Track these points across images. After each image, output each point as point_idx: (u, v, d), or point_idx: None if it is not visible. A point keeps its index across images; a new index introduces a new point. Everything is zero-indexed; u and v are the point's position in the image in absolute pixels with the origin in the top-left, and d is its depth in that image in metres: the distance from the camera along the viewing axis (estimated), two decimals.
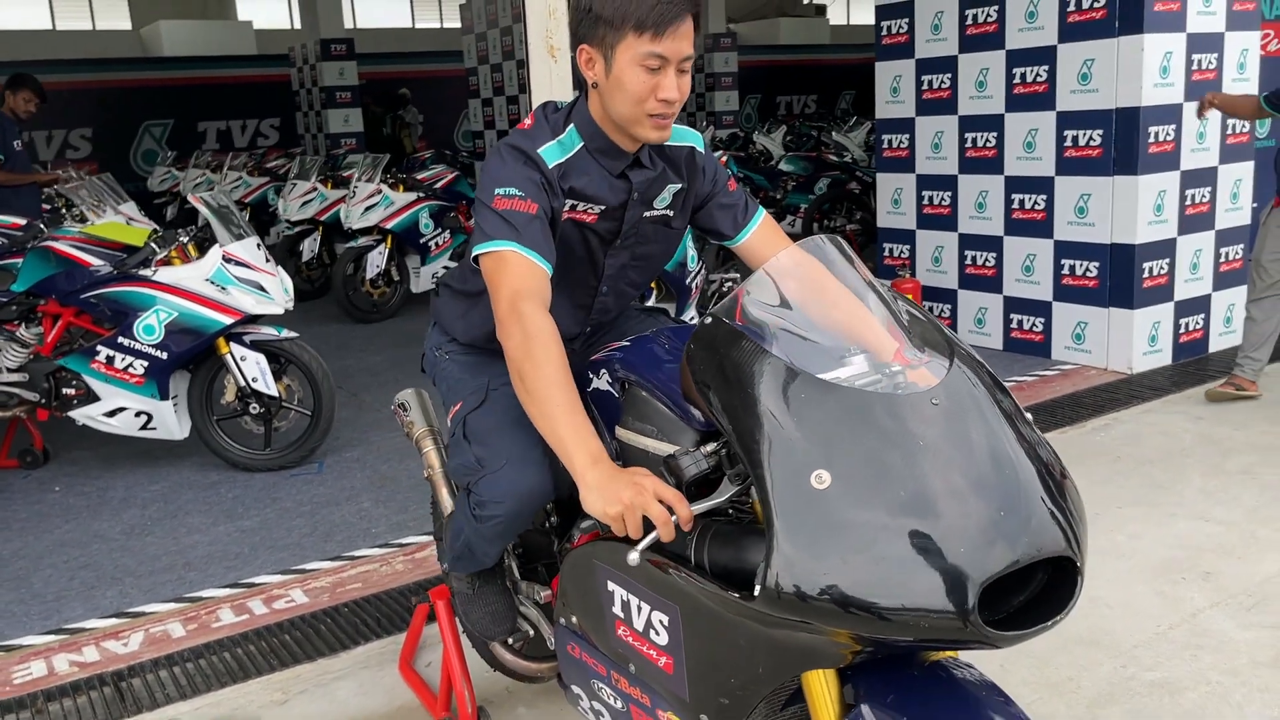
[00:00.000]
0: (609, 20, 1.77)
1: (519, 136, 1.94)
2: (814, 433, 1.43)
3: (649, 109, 1.82)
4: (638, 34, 1.75)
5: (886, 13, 6.51)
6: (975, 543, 1.36)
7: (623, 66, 1.79)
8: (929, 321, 1.61)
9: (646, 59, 1.77)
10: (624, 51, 1.78)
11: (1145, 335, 5.55)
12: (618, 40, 1.78)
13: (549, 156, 1.91)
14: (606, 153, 1.94)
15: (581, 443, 1.62)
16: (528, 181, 1.85)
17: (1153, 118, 5.30)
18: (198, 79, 17.98)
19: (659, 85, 1.79)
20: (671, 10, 1.74)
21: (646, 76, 1.79)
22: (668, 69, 1.79)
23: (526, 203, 1.83)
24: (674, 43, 1.76)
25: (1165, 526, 3.69)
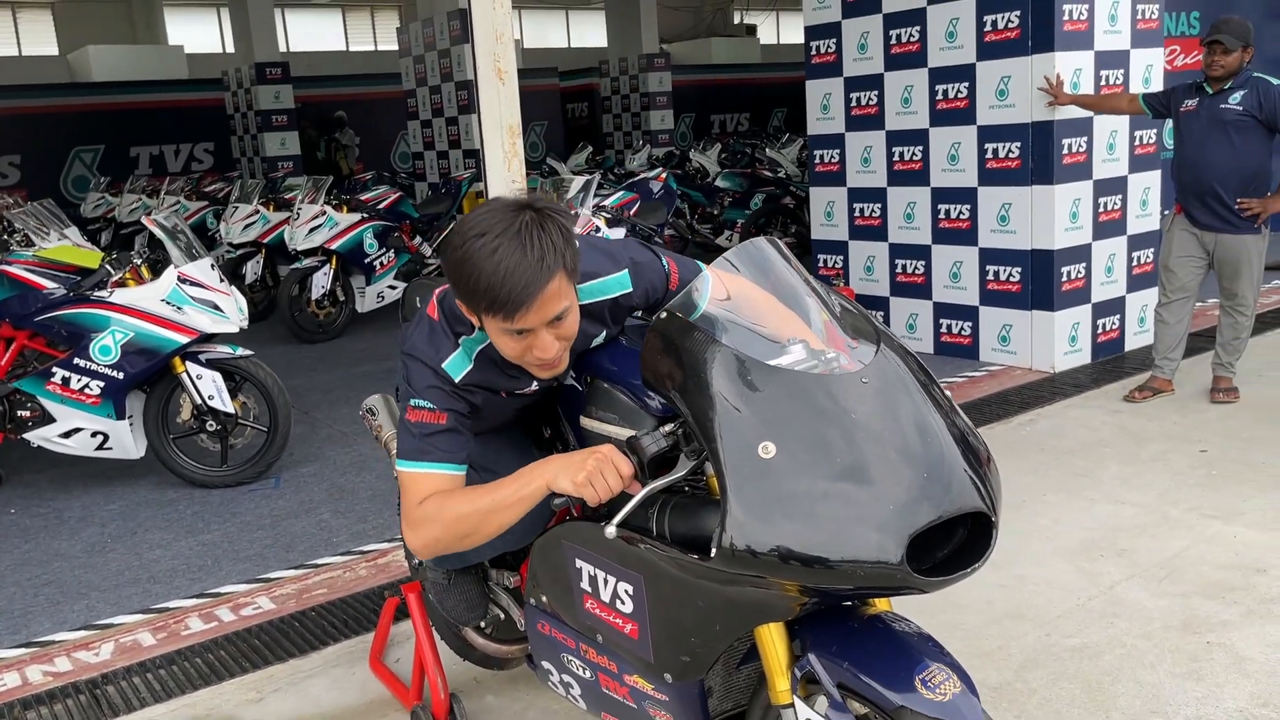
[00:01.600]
0: (465, 296, 1.75)
1: (424, 343, 1.93)
2: (760, 410, 1.63)
3: (528, 361, 1.84)
4: (491, 316, 1.73)
5: (815, 33, 6.80)
6: (902, 501, 1.56)
7: (493, 333, 1.81)
8: (859, 313, 1.81)
9: (511, 334, 1.77)
10: (489, 323, 1.78)
11: (1066, 336, 5.87)
12: (480, 314, 1.77)
13: (454, 370, 1.92)
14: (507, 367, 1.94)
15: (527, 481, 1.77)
16: (437, 391, 1.90)
17: (1066, 130, 5.63)
18: (129, 104, 17.81)
19: (531, 346, 1.79)
20: (521, 295, 1.69)
21: (515, 342, 1.79)
22: (536, 332, 1.77)
23: (435, 414, 1.89)
24: (534, 315, 1.72)
25: (1085, 510, 3.95)
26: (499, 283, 1.68)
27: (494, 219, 1.72)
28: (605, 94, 18.83)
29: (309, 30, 22.63)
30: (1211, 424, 4.82)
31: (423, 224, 8.86)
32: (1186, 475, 4.22)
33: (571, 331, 1.83)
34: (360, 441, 5.49)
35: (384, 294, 8.41)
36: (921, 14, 6.08)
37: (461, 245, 1.72)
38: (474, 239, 1.71)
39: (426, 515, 1.84)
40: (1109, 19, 5.73)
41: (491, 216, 1.73)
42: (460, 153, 10.97)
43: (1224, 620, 3.07)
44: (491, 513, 1.79)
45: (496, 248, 1.68)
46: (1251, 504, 3.88)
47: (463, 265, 1.71)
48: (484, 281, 1.69)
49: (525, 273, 1.68)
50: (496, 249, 1.68)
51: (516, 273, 1.68)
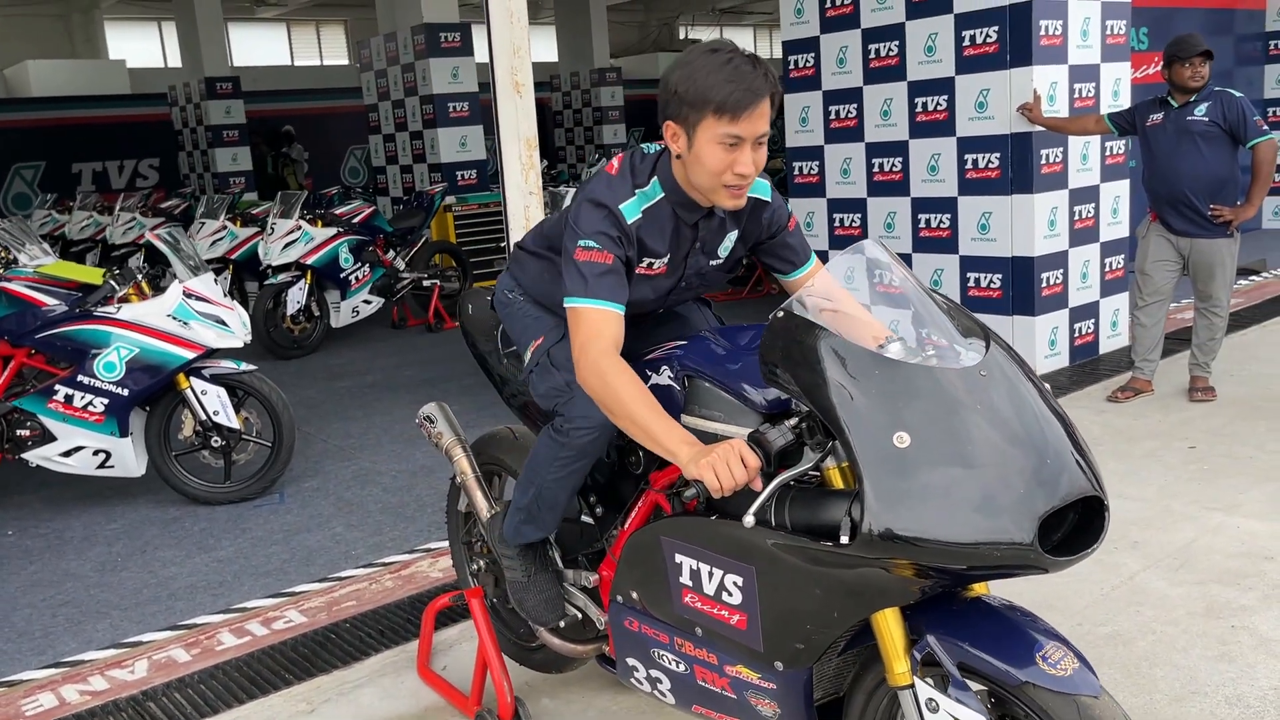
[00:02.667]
0: (691, 102, 1.96)
1: (603, 188, 2.13)
2: (888, 403, 1.70)
3: (725, 181, 2.01)
4: (717, 116, 1.94)
5: (793, 48, 6.94)
6: (1029, 486, 1.65)
7: (702, 143, 1.98)
8: (963, 312, 1.90)
9: (724, 138, 1.96)
10: (704, 130, 1.97)
11: (1046, 340, 6.06)
12: (699, 120, 1.96)
13: (628, 213, 2.11)
14: (684, 205, 2.16)
15: (670, 433, 1.93)
16: (605, 236, 2.08)
17: (1043, 141, 5.83)
18: (69, 119, 17.44)
19: (735, 160, 1.98)
20: (748, 96, 1.93)
21: (724, 153, 1.97)
22: (743, 146, 1.97)
23: (603, 254, 2.07)
24: (750, 124, 1.95)
25: None
26: (734, 84, 1.92)
27: (720, 43, 1.99)
28: (557, 108, 18.88)
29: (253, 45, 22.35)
30: (1194, 422, 5.02)
31: (396, 238, 8.83)
32: (1180, 470, 4.40)
33: (762, 163, 2.03)
34: (359, 455, 5.47)
35: (359, 308, 8.36)
36: (900, 29, 6.25)
37: (695, 59, 1.97)
38: (708, 53, 1.96)
39: (602, 370, 2.00)
40: (1081, 34, 5.95)
41: (717, 42, 2.01)
42: (425, 167, 10.95)
43: (1243, 605, 3.22)
44: (633, 424, 1.96)
45: (730, 59, 1.94)
46: (1248, 495, 4.06)
47: (698, 71, 1.95)
48: (720, 80, 1.92)
49: (755, 80, 1.94)
50: (730, 60, 1.94)
51: (748, 78, 1.93)
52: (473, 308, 2.89)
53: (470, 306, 2.90)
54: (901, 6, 6.21)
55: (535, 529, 2.50)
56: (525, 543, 2.53)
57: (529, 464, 2.44)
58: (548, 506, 2.43)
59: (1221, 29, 10.17)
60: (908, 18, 6.19)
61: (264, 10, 20.71)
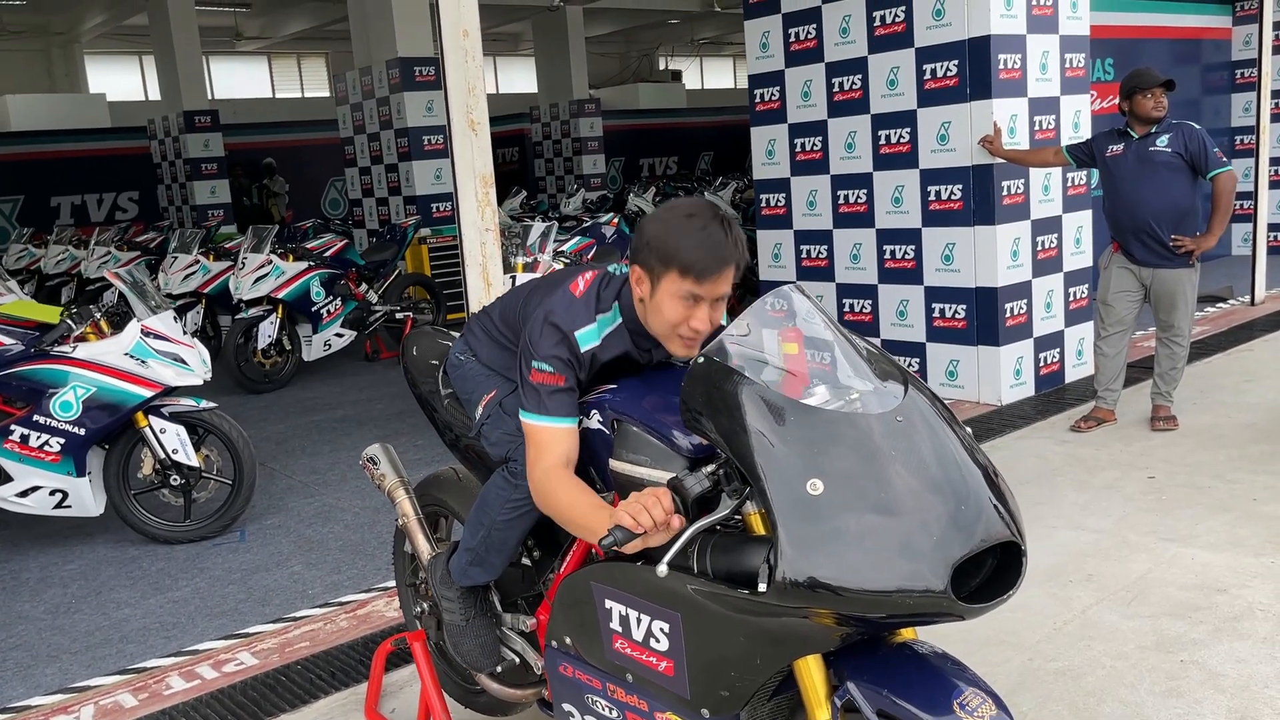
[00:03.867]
0: (660, 256, 2.05)
1: (563, 311, 2.21)
2: (803, 449, 1.71)
3: (680, 332, 2.11)
4: (681, 275, 2.04)
5: (759, 81, 7.00)
6: (942, 533, 1.65)
7: (663, 295, 2.08)
8: (882, 355, 1.91)
9: (685, 295, 2.05)
10: (667, 283, 2.06)
11: (1011, 369, 6.09)
12: (663, 273, 2.06)
13: (584, 341, 2.20)
14: (639, 335, 2.25)
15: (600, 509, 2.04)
16: (558, 360, 2.17)
17: (1005, 173, 5.88)
18: (49, 153, 17.43)
19: (692, 316, 2.08)
20: (714, 264, 2.02)
21: (683, 308, 2.07)
22: (702, 304, 2.07)
23: (556, 376, 2.17)
24: (711, 286, 2.05)
25: (1048, 538, 4.10)
26: (703, 249, 2.03)
27: (699, 207, 2.09)
28: (536, 139, 18.96)
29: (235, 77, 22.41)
30: (1155, 451, 5.04)
31: (368, 271, 8.83)
32: (1139, 501, 4.41)
33: (719, 321, 2.14)
34: (322, 491, 5.44)
35: (330, 342, 8.34)
36: (863, 62, 6.31)
37: (670, 219, 2.08)
38: (684, 217, 2.07)
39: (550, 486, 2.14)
40: (1040, 68, 6.01)
41: (696, 205, 2.11)
42: (401, 199, 10.97)
43: (1194, 639, 3.22)
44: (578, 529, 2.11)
45: (705, 226, 2.05)
46: (1204, 526, 4.07)
47: (672, 233, 2.06)
48: (690, 244, 2.03)
49: (724, 248, 2.04)
50: (705, 227, 2.05)
51: (718, 246, 2.04)
52: (416, 349, 2.88)
53: (414, 348, 2.90)
54: (864, 41, 6.27)
55: (482, 571, 2.49)
56: (469, 585, 2.52)
57: (479, 505, 2.43)
58: (495, 549, 2.43)
59: (1188, 58, 10.31)
60: (870, 51, 6.26)
61: (245, 43, 20.77)
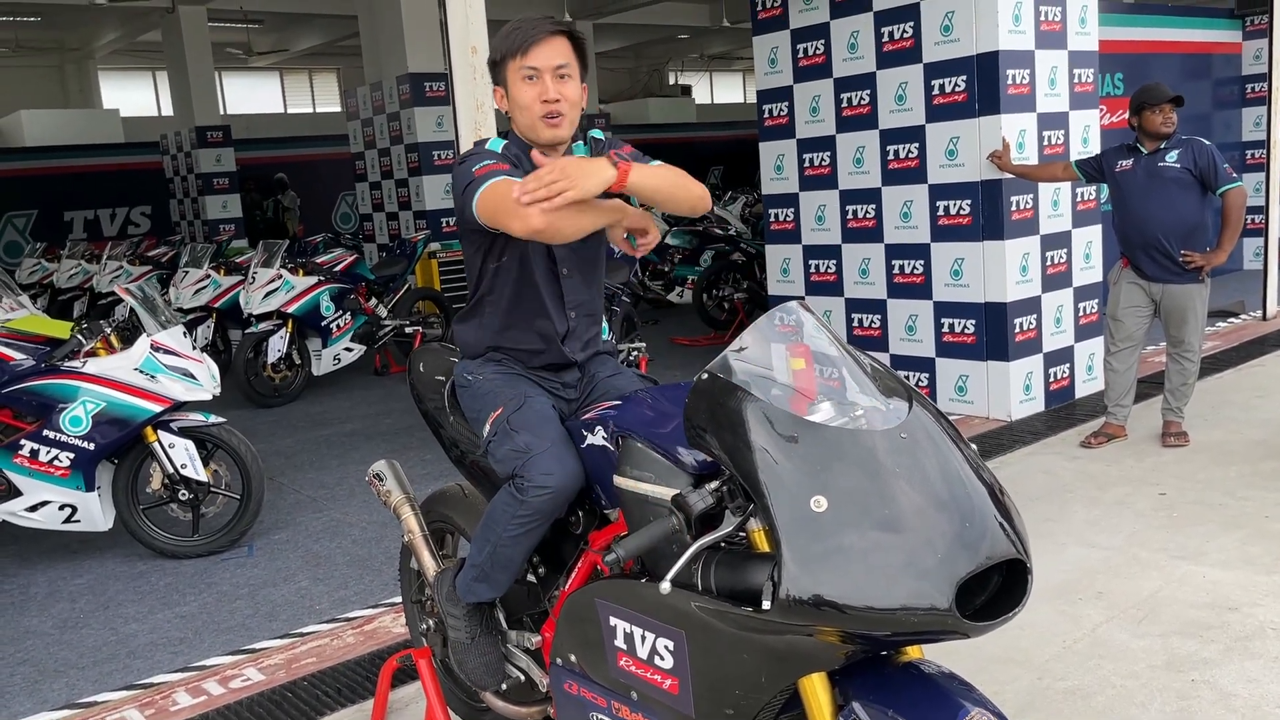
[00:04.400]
0: (497, 60, 2.37)
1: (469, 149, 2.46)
2: (807, 466, 1.70)
3: (538, 112, 2.33)
4: (513, 58, 2.32)
5: (767, 97, 7.01)
6: (947, 551, 1.64)
7: (513, 86, 2.35)
8: (887, 372, 1.90)
9: (524, 73, 2.32)
10: (511, 74, 2.35)
11: (1020, 385, 6.07)
12: (505, 69, 2.36)
13: (493, 147, 2.41)
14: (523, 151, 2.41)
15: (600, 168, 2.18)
16: (490, 156, 2.35)
17: (1014, 188, 5.87)
18: (62, 168, 17.56)
19: (540, 91, 2.31)
20: (533, 34, 2.30)
21: (528, 87, 2.32)
22: (542, 77, 2.31)
23: (498, 164, 2.31)
24: (541, 56, 2.30)
25: (1058, 554, 4.07)
26: (521, 30, 2.32)
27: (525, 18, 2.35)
28: None
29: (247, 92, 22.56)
30: (1166, 467, 5.01)
31: (378, 286, 8.86)
32: (1150, 518, 4.38)
33: (572, 96, 2.35)
34: (330, 506, 5.45)
35: (340, 356, 8.36)
36: (871, 78, 6.32)
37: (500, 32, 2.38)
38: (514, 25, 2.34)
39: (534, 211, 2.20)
40: (1049, 83, 6.01)
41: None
42: (411, 214, 11.01)
43: (1204, 658, 3.19)
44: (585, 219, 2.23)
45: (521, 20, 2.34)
46: (1215, 544, 4.04)
47: (499, 38, 2.37)
48: (510, 32, 2.32)
49: (541, 24, 2.32)
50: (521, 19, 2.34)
51: (535, 24, 2.32)
52: (423, 365, 2.89)
53: (421, 364, 2.90)
54: (872, 56, 6.28)
55: (488, 588, 2.48)
56: (474, 602, 2.51)
57: (485, 521, 2.43)
58: (501, 566, 2.42)
59: (1198, 73, 10.30)
60: (878, 67, 6.27)
61: (257, 59, 20.92)
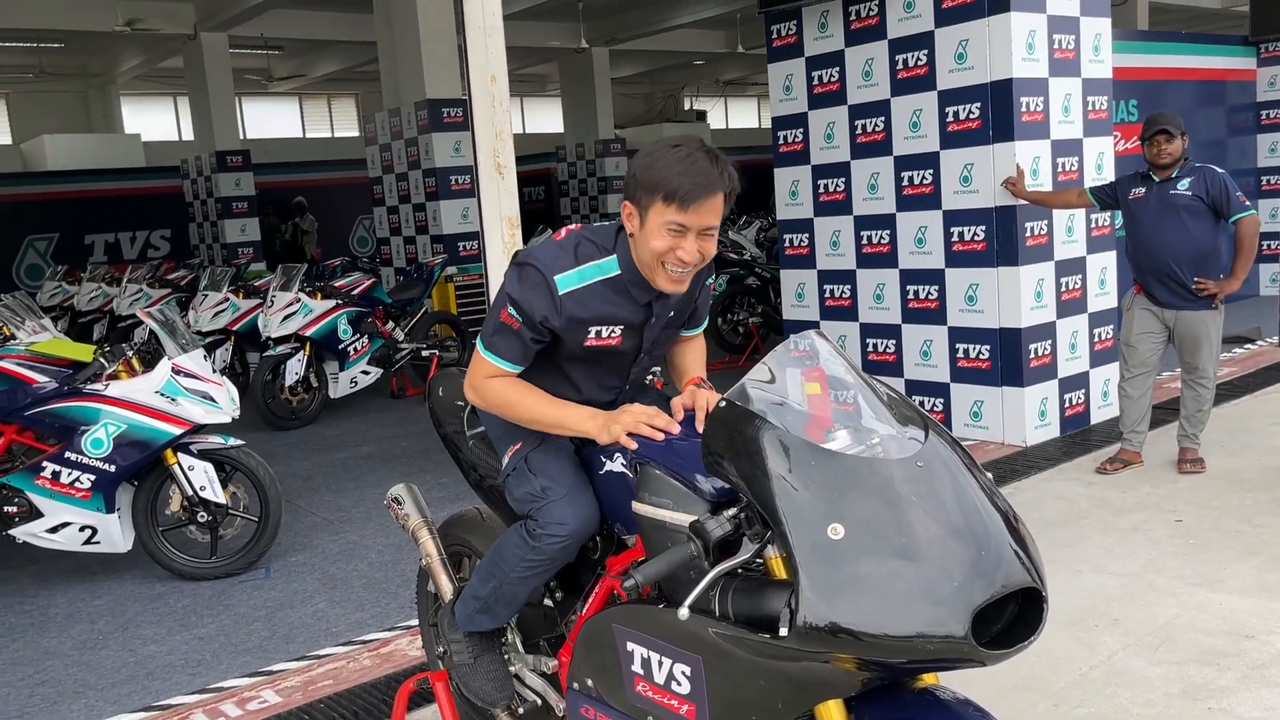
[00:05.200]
0: (647, 187, 2.11)
1: (545, 253, 2.25)
2: (824, 494, 1.72)
3: (666, 261, 2.15)
4: (666, 203, 2.09)
5: (782, 123, 7.06)
6: (963, 579, 1.66)
7: (651, 226, 2.13)
8: (903, 400, 1.93)
9: (670, 225, 2.10)
10: (654, 215, 2.12)
11: (1035, 410, 6.07)
12: (650, 204, 2.12)
13: (562, 284, 2.22)
14: (638, 285, 2.26)
15: (577, 412, 2.26)
16: (527, 308, 2.22)
17: (1028, 214, 5.90)
18: (84, 192, 17.77)
19: (678, 246, 2.13)
20: (698, 190, 2.07)
21: (669, 238, 2.12)
22: (688, 235, 2.11)
23: (516, 322, 2.24)
24: (697, 215, 2.09)
25: (1074, 581, 4.07)
26: (687, 175, 2.07)
27: (686, 139, 2.15)
28: (563, 178, 19.16)
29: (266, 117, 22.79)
30: (1182, 494, 5.00)
31: (395, 309, 8.92)
32: (1166, 544, 4.37)
33: (709, 254, 2.18)
34: (347, 529, 5.48)
35: (357, 379, 8.41)
36: (886, 105, 6.36)
37: (657, 151, 2.14)
38: (670, 148, 2.12)
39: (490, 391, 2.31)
40: (1063, 110, 6.04)
41: (683, 138, 2.16)
42: (428, 238, 11.10)
43: (1221, 686, 3.18)
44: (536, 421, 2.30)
45: (690, 154, 2.10)
46: (1231, 571, 4.03)
47: (657, 162, 2.11)
48: (674, 172, 2.08)
49: (709, 175, 2.09)
50: (690, 155, 2.10)
51: (703, 172, 2.08)
52: (442, 390, 2.92)
53: (440, 389, 2.94)
54: (886, 83, 6.33)
55: (489, 619, 2.50)
56: (476, 630, 2.53)
57: (493, 556, 2.45)
58: (505, 601, 2.45)
59: (1213, 100, 10.31)
60: (893, 94, 6.31)
61: (277, 84, 21.15)
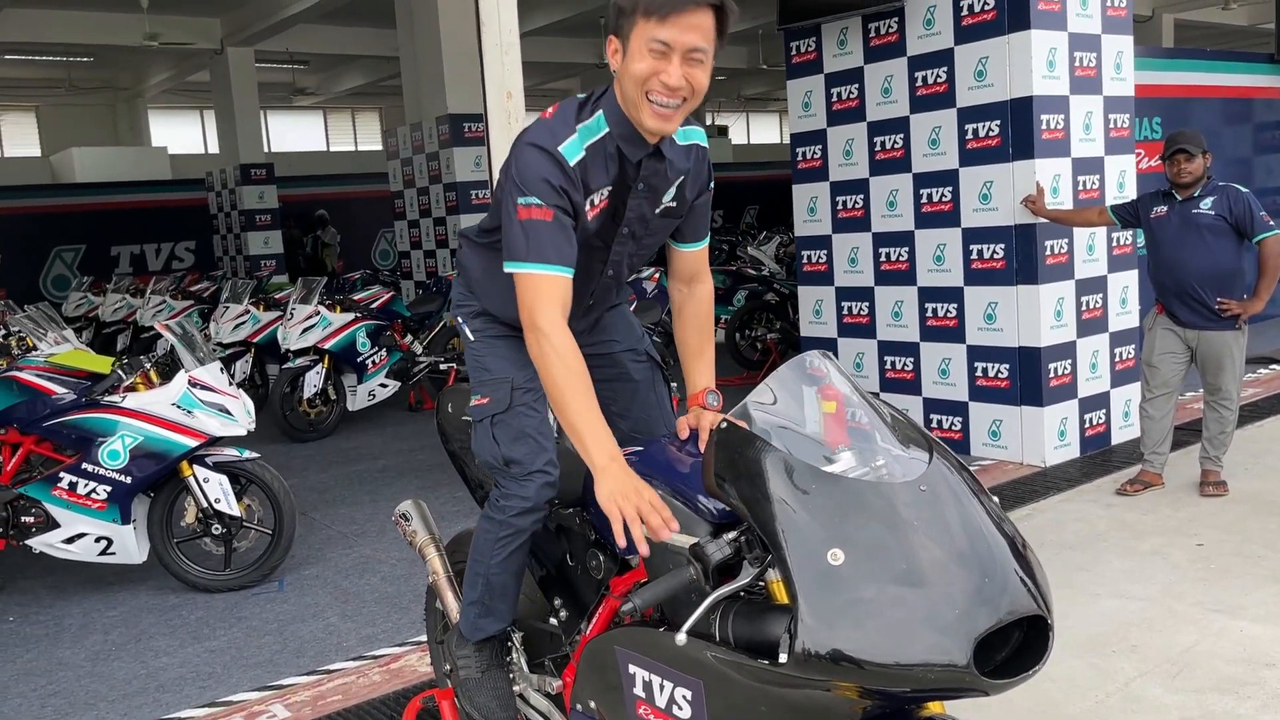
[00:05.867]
0: (626, 8, 1.96)
1: (541, 132, 2.07)
2: (825, 518, 1.70)
3: (650, 88, 1.97)
4: (645, 17, 1.93)
5: (801, 140, 7.05)
6: (966, 606, 1.63)
7: (633, 51, 1.97)
8: (908, 422, 1.91)
9: (652, 43, 1.94)
10: (636, 36, 1.96)
11: (1055, 430, 6.00)
12: (631, 26, 1.96)
13: (570, 153, 2.04)
14: (629, 139, 2.08)
15: (598, 442, 1.97)
16: (546, 185, 2.01)
17: (1048, 233, 5.85)
18: (110, 204, 17.98)
19: (662, 69, 1.95)
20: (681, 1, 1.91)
21: (652, 60, 1.95)
22: (671, 55, 1.94)
23: (544, 210, 2.00)
24: (679, 30, 1.92)
25: (1091, 605, 4.01)
26: None
27: None
28: None
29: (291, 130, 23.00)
30: (1204, 517, 4.93)
31: (414, 323, 8.95)
32: (1186, 569, 4.30)
33: (699, 85, 1.98)
34: (361, 542, 5.48)
35: (375, 392, 8.44)
36: (905, 122, 6.34)
37: None
38: None
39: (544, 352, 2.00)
40: (1084, 128, 6.00)
41: None
42: (448, 252, 11.14)
43: (1239, 716, 3.12)
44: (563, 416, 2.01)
45: None
46: (1253, 597, 3.96)
47: None
48: None
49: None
50: None
51: None
52: (451, 405, 2.92)
53: (449, 404, 2.93)
54: (906, 100, 6.31)
55: (493, 620, 2.50)
56: (484, 637, 2.52)
57: (472, 558, 2.46)
58: (499, 594, 2.46)
59: (1238, 118, 10.22)
60: (912, 111, 6.29)
61: (301, 99, 21.33)
